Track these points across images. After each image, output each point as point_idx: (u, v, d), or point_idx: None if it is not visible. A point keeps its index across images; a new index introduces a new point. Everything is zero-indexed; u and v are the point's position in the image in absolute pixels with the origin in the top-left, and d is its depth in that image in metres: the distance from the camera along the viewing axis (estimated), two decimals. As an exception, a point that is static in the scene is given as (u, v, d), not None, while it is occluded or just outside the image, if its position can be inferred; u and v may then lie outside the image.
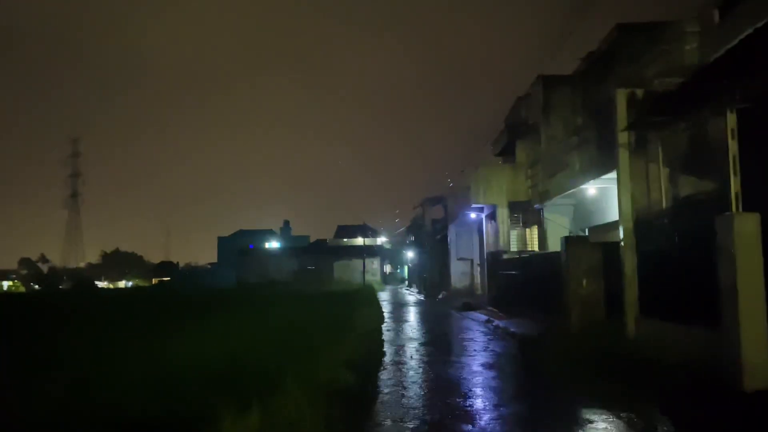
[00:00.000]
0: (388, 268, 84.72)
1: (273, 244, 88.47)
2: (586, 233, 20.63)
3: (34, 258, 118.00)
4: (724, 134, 7.42)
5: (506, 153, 24.41)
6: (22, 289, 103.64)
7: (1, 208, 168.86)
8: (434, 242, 36.74)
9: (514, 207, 21.91)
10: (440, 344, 11.97)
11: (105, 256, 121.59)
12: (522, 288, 16.21)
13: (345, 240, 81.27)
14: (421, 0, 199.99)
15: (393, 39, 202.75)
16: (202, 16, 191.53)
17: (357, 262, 60.92)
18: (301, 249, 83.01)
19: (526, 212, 22.06)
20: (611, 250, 11.92)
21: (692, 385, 6.60)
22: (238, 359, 7.02)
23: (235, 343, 8.23)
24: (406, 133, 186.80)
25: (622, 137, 9.73)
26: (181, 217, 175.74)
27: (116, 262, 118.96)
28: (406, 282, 63.44)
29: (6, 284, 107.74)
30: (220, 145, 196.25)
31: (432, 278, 37.33)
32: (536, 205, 21.19)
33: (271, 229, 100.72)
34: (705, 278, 7.02)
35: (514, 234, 22.21)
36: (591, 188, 17.26)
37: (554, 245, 20.31)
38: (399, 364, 9.36)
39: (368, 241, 74.49)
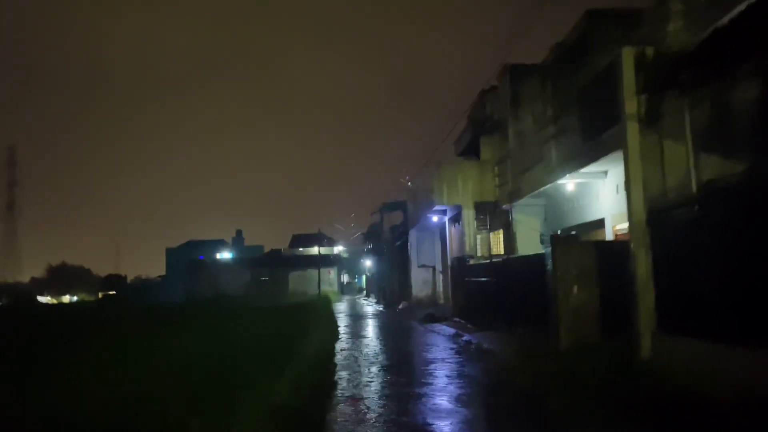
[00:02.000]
0: (345, 278, 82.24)
1: (225, 255, 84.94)
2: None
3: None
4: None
5: (470, 152, 22.61)
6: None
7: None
8: (393, 249, 34.69)
9: (480, 208, 20.08)
10: (405, 369, 9.80)
11: (50, 269, 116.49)
12: (494, 297, 14.26)
13: (300, 249, 78.57)
14: (374, 6, 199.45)
15: (346, 45, 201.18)
16: (150, 24, 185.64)
17: (313, 273, 58.34)
18: (255, 259, 79.84)
19: (492, 214, 20.26)
20: (609, 250, 10.09)
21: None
22: (117, 408, 4.70)
23: (131, 379, 5.90)
24: (364, 140, 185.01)
25: (630, 106, 7.86)
26: (131, 228, 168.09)
27: (62, 276, 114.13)
28: (365, 292, 61.20)
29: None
30: (170, 153, 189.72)
31: (391, 288, 35.23)
32: (504, 206, 19.41)
33: (223, 240, 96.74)
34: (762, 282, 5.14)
35: (480, 238, 20.35)
36: (569, 183, 15.52)
37: (524, 249, 18.53)
38: (353, 402, 7.14)
39: (325, 251, 71.92)
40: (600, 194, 15.07)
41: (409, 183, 28.08)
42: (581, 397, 6.84)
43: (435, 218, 24.03)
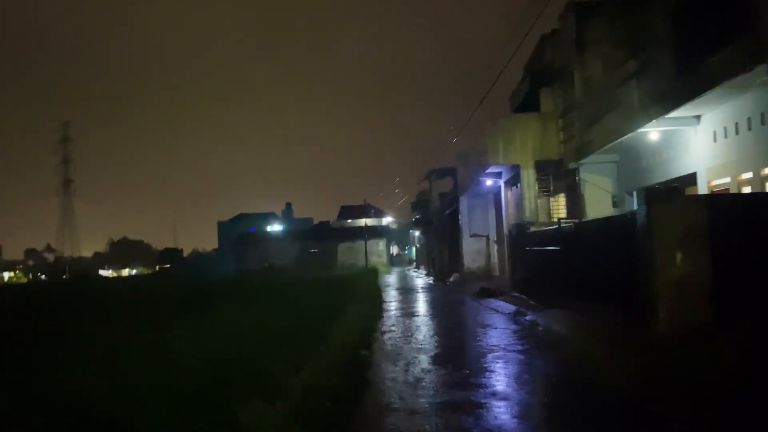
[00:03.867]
0: (395, 250, 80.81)
1: (275, 228, 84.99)
2: (634, 197, 16.50)
3: (40, 248, 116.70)
4: None
5: (528, 106, 20.06)
6: (24, 279, 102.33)
7: (9, 199, 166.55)
8: (443, 218, 32.58)
9: (541, 168, 17.71)
10: (459, 361, 7.81)
11: (112, 244, 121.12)
12: (562, 269, 12.08)
13: (349, 221, 77.35)
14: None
15: (399, 19, 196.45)
16: (210, 2, 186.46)
17: (362, 244, 57.02)
18: (304, 232, 79.43)
19: (555, 175, 17.86)
20: (729, 205, 7.78)
21: None
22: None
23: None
24: (414, 112, 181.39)
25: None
26: (188, 203, 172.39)
27: (123, 250, 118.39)
28: (414, 264, 59.49)
29: (7, 275, 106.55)
30: (224, 128, 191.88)
31: (441, 259, 33.26)
32: (570, 165, 16.98)
33: (273, 212, 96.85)
34: None
35: (541, 202, 18.02)
36: (651, 133, 13.01)
37: (592, 214, 16.10)
38: (390, 414, 5.27)
39: (373, 222, 70.47)
40: (690, 144, 12.52)
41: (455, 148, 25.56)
42: (708, 412, 4.80)
43: (489, 182, 21.76)
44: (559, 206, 18.16)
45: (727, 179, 11.39)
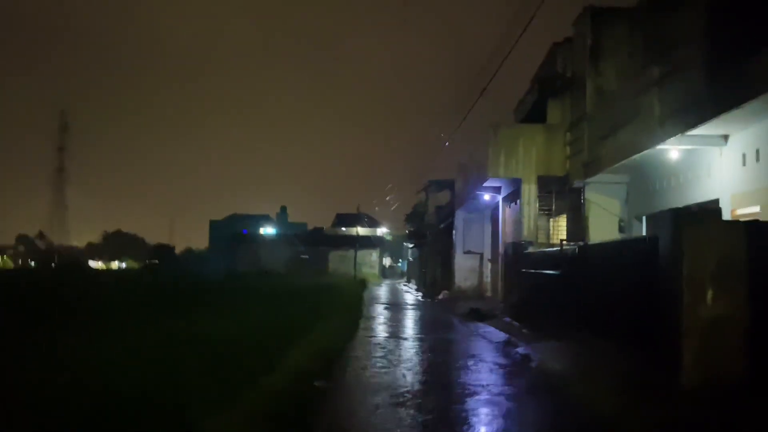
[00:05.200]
0: (388, 261, 79.32)
1: (268, 230, 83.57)
2: (643, 223, 15.14)
3: (32, 234, 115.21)
4: None
5: (533, 118, 18.72)
6: (10, 265, 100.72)
7: (6, 183, 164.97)
8: (437, 232, 31.19)
9: (544, 184, 16.33)
10: (434, 405, 6.30)
11: (106, 236, 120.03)
12: (563, 295, 10.68)
13: (343, 229, 75.92)
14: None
15: (405, 25, 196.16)
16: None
17: (354, 253, 55.52)
18: (297, 237, 78.00)
19: (558, 193, 16.49)
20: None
21: None
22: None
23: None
24: (416, 121, 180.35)
25: None
26: (185, 200, 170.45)
27: (116, 243, 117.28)
28: (406, 277, 58.04)
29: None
30: (221, 127, 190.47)
31: (432, 274, 31.82)
32: (576, 183, 15.63)
33: (267, 215, 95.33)
34: None
35: (541, 221, 16.62)
36: (671, 151, 11.65)
37: (596, 238, 14.72)
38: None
39: (367, 232, 69.10)
40: (714, 167, 11.16)
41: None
42: None
43: (487, 196, 20.38)
44: (560, 227, 16.78)
45: (756, 208, 10.01)
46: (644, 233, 14.86)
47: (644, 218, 14.75)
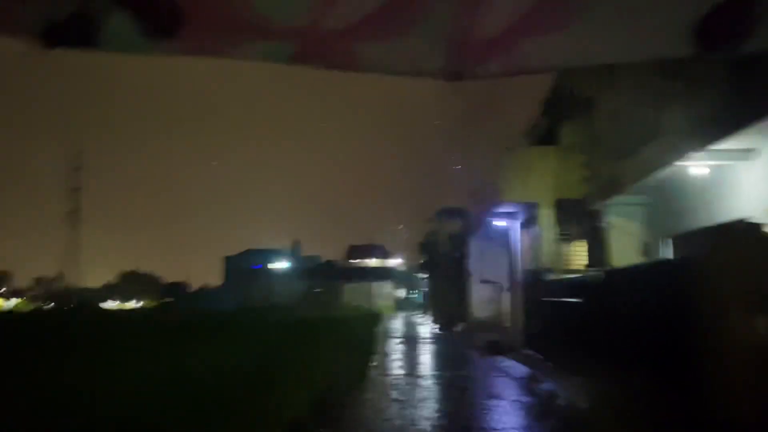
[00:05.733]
0: (402, 293, 78.25)
1: (281, 264, 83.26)
2: (669, 245, 14.39)
3: (50, 276, 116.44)
4: None
5: (547, 140, 18.22)
6: (30, 307, 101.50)
7: (24, 226, 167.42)
8: (450, 261, 30.45)
9: (561, 209, 15.68)
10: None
11: (123, 275, 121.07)
12: (588, 325, 9.94)
13: (356, 261, 75.24)
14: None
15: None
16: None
17: (368, 285, 54.69)
18: (310, 270, 77.58)
19: (576, 217, 15.82)
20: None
21: None
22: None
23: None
24: (429, 149, 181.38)
25: None
26: (201, 238, 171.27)
27: (132, 283, 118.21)
28: (421, 308, 57.00)
29: (13, 302, 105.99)
30: (234, 162, 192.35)
31: (448, 305, 30.96)
32: (594, 206, 14.97)
33: (280, 249, 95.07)
34: None
35: (560, 247, 15.92)
36: (695, 168, 11.01)
37: (618, 263, 14.04)
38: None
39: (380, 263, 68.37)
40: (742, 183, 10.51)
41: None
42: None
43: (502, 223, 19.73)
44: (579, 253, 16.07)
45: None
46: (669, 256, 14.16)
47: (669, 240, 14.03)
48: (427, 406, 7.81)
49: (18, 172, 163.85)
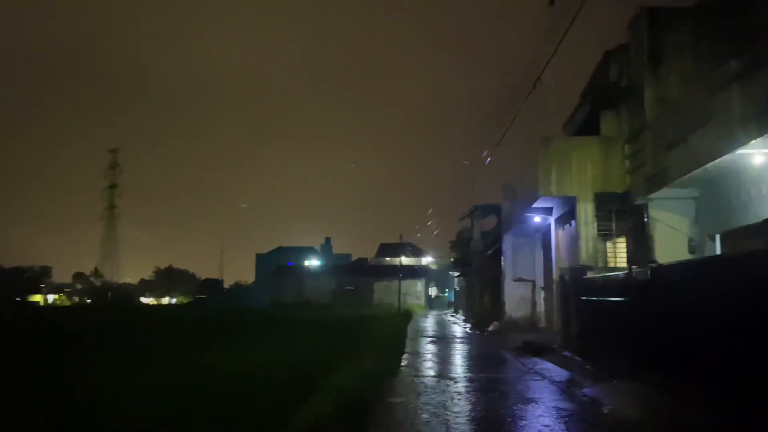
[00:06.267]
0: (434, 291, 77.40)
1: (313, 262, 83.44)
2: (717, 241, 13.44)
3: (88, 272, 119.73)
4: None
5: (586, 132, 17.36)
6: (67, 302, 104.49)
7: (63, 222, 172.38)
8: (484, 259, 29.65)
9: (601, 204, 14.84)
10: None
11: (158, 272, 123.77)
12: (635, 326, 9.20)
13: (387, 259, 74.72)
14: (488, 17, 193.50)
15: (456, 50, 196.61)
16: (254, 31, 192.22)
17: (399, 283, 54.11)
18: (341, 268, 77.45)
19: (618, 212, 14.95)
20: None
21: None
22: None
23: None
24: (463, 149, 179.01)
25: None
26: (236, 234, 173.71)
27: (168, 279, 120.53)
28: (453, 307, 56.14)
29: (52, 297, 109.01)
30: (268, 160, 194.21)
31: (481, 305, 30.17)
32: (638, 200, 14.09)
33: (312, 247, 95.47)
34: None
35: (600, 244, 15.07)
36: (755, 156, 10.11)
37: (663, 261, 13.13)
38: None
39: (411, 261, 67.68)
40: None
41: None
42: None
43: (537, 218, 18.95)
44: (619, 250, 15.20)
45: None
46: (718, 252, 13.20)
47: (717, 237, 13.09)
48: (461, 411, 7.20)
49: (59, 169, 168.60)
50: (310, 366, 8.98)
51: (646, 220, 14.02)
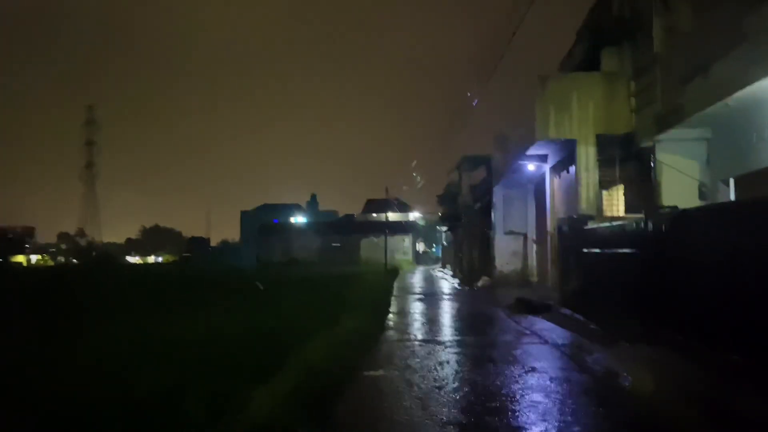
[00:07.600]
0: (421, 247, 76.75)
1: (299, 220, 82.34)
2: (730, 186, 12.26)
3: (72, 232, 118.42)
4: None
5: (585, 70, 15.88)
6: (51, 263, 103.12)
7: (47, 182, 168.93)
8: (472, 213, 28.49)
9: (603, 147, 13.55)
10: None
11: (144, 231, 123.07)
12: (645, 282, 8.05)
13: (374, 215, 73.71)
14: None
15: (446, 8, 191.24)
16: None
17: (386, 240, 53.18)
18: (327, 225, 76.39)
19: (622, 157, 13.69)
20: None
21: None
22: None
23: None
24: (449, 103, 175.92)
25: None
26: (222, 192, 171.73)
27: (154, 238, 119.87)
28: (441, 263, 55.47)
29: (34, 258, 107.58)
30: (253, 117, 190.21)
31: (469, 259, 29.19)
32: (644, 142, 12.80)
33: (297, 204, 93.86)
34: None
35: (599, 191, 13.86)
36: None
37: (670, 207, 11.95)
38: None
39: (398, 217, 66.66)
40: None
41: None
42: None
43: (531, 167, 17.67)
44: (616, 202, 14.03)
45: None
46: (730, 199, 12.10)
47: (731, 181, 11.91)
48: (452, 386, 6.05)
49: (40, 128, 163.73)
50: (285, 335, 7.79)
51: (653, 164, 12.78)
